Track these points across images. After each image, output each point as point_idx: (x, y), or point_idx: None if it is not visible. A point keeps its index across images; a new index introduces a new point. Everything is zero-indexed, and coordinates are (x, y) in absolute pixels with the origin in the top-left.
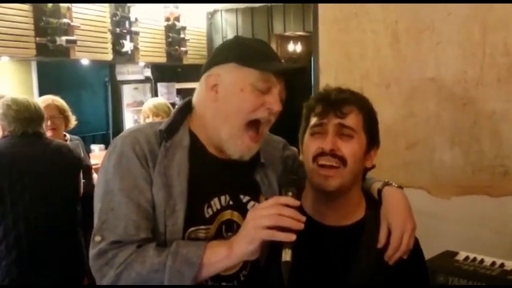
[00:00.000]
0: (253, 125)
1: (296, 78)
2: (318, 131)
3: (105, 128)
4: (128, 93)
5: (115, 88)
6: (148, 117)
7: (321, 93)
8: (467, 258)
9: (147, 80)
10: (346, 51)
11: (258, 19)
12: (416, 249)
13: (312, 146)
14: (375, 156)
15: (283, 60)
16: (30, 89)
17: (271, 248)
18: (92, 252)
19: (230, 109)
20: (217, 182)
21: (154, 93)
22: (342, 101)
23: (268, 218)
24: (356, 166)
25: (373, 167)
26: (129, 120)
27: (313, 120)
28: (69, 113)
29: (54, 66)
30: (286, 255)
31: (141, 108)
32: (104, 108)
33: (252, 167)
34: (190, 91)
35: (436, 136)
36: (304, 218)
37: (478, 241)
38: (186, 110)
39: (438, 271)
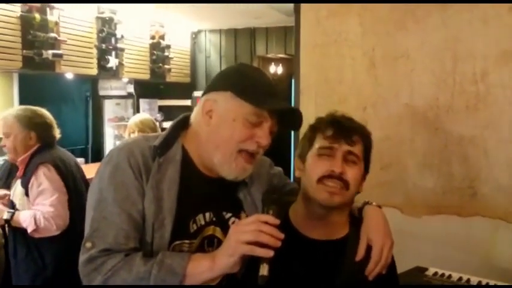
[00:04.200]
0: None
1: (289, 116)
2: (327, 153)
3: (84, 142)
4: (109, 109)
5: (96, 103)
6: (133, 132)
7: (332, 117)
8: (436, 273)
9: (129, 95)
10: (325, 75)
11: (241, 41)
12: (392, 263)
13: (320, 167)
14: (363, 182)
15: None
16: (11, 101)
17: (248, 263)
18: (82, 257)
19: (221, 137)
20: (204, 199)
21: (137, 109)
22: (353, 129)
23: (248, 234)
24: (355, 190)
25: (359, 192)
26: (110, 135)
27: (322, 142)
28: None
29: (35, 79)
30: (264, 270)
31: (122, 123)
32: (84, 122)
33: (236, 185)
34: (172, 108)
35: (409, 158)
36: (282, 236)
37: (447, 259)
38: (181, 125)
39: (409, 285)
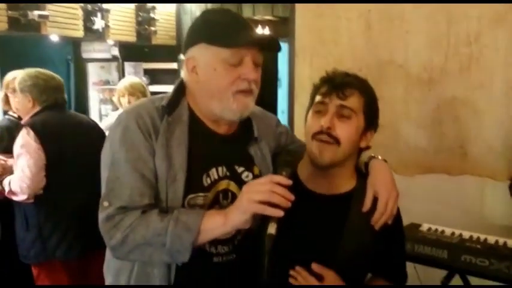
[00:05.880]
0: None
1: (267, 41)
2: (320, 109)
3: (67, 106)
4: (93, 72)
5: (79, 66)
6: (123, 95)
7: (328, 75)
8: (429, 229)
9: (114, 58)
10: (321, 37)
11: (227, 2)
12: (397, 215)
13: (314, 124)
14: (370, 137)
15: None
16: None
17: (263, 219)
18: (101, 216)
19: (211, 88)
20: (215, 154)
21: (122, 73)
22: (345, 84)
23: (261, 194)
24: (349, 146)
25: (368, 147)
26: (95, 99)
27: (317, 99)
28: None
29: (15, 42)
30: (272, 229)
31: (108, 87)
32: (66, 86)
33: (246, 142)
34: (157, 71)
35: (402, 119)
36: (293, 197)
37: (438, 215)
38: (181, 87)
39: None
